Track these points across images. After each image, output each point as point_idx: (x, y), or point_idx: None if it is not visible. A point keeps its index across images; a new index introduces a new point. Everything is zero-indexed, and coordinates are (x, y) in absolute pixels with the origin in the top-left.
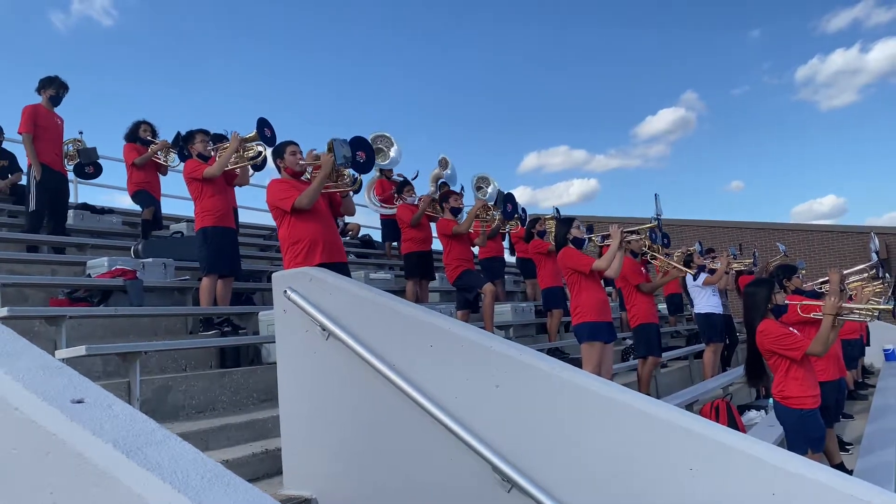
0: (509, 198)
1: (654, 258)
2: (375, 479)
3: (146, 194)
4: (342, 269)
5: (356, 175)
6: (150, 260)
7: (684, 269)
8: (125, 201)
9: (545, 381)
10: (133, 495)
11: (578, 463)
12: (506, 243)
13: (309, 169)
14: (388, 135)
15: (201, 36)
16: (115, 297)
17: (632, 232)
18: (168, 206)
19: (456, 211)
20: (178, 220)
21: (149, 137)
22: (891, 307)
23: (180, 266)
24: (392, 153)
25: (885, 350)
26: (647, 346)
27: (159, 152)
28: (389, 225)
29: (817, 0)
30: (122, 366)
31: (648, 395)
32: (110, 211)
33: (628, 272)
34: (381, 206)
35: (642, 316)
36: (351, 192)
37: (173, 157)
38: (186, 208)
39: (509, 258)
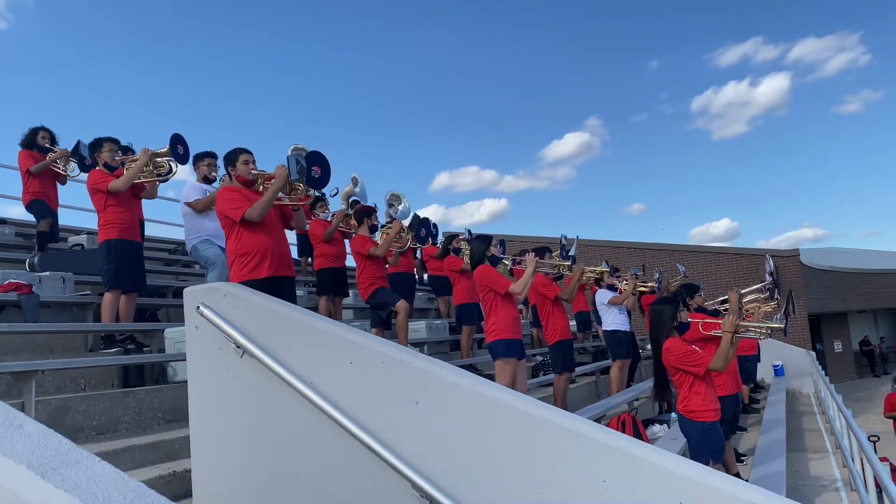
0: (424, 223)
1: (569, 272)
2: (292, 499)
3: (42, 205)
4: (290, 283)
5: (310, 190)
6: (47, 274)
7: (598, 268)
8: (18, 211)
9: (465, 396)
10: None
11: (497, 478)
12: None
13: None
14: (307, 149)
15: (101, 41)
16: (6, 312)
17: (546, 264)
18: (67, 218)
19: (373, 229)
20: (77, 231)
21: (47, 145)
22: (782, 326)
23: (80, 280)
24: None
25: (774, 366)
26: (563, 362)
27: (58, 161)
28: (304, 240)
29: (711, 34)
30: (14, 385)
31: (565, 409)
32: (2, 221)
33: (543, 289)
34: None
35: (559, 332)
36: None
37: (73, 167)
38: (86, 220)
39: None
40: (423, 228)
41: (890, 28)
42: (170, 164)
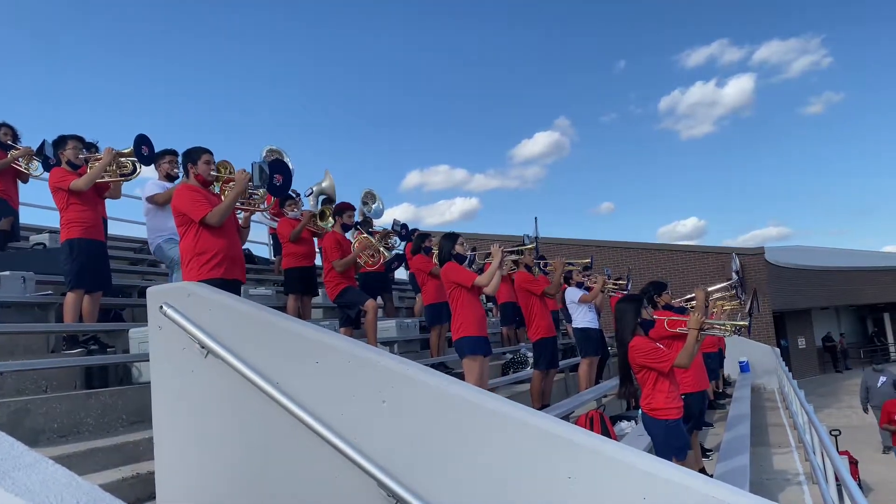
0: (399, 258)
1: (548, 265)
2: (257, 500)
3: (2, 203)
4: (238, 287)
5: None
6: (6, 273)
7: (580, 261)
8: None
9: (432, 395)
10: None
11: (464, 476)
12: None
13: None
14: (280, 149)
15: (67, 39)
16: None
17: (512, 251)
18: (29, 216)
19: (347, 227)
20: (39, 230)
21: (9, 142)
22: (746, 324)
23: (42, 280)
24: None
25: (740, 362)
26: (546, 359)
27: (20, 159)
28: (278, 239)
29: (677, 36)
30: None
31: (540, 407)
32: None
33: (530, 286)
34: (272, 219)
35: (543, 330)
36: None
37: (36, 166)
38: (48, 218)
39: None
40: (395, 262)
41: (850, 32)
42: (133, 165)
